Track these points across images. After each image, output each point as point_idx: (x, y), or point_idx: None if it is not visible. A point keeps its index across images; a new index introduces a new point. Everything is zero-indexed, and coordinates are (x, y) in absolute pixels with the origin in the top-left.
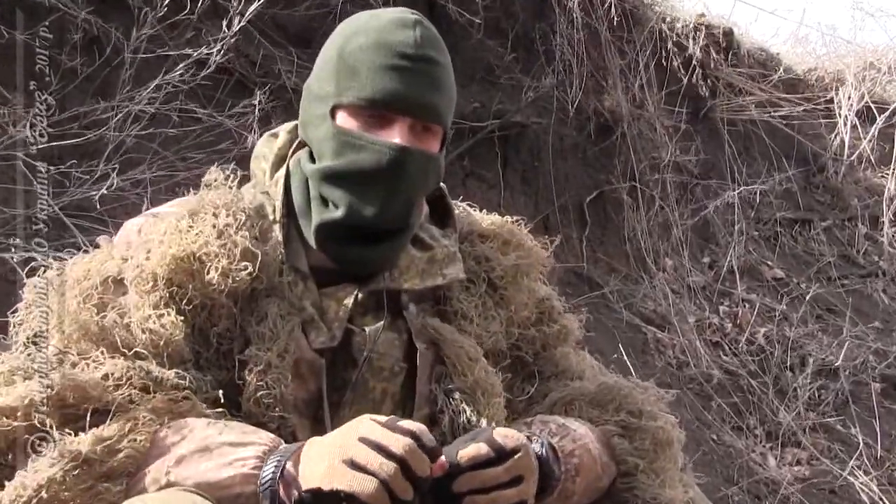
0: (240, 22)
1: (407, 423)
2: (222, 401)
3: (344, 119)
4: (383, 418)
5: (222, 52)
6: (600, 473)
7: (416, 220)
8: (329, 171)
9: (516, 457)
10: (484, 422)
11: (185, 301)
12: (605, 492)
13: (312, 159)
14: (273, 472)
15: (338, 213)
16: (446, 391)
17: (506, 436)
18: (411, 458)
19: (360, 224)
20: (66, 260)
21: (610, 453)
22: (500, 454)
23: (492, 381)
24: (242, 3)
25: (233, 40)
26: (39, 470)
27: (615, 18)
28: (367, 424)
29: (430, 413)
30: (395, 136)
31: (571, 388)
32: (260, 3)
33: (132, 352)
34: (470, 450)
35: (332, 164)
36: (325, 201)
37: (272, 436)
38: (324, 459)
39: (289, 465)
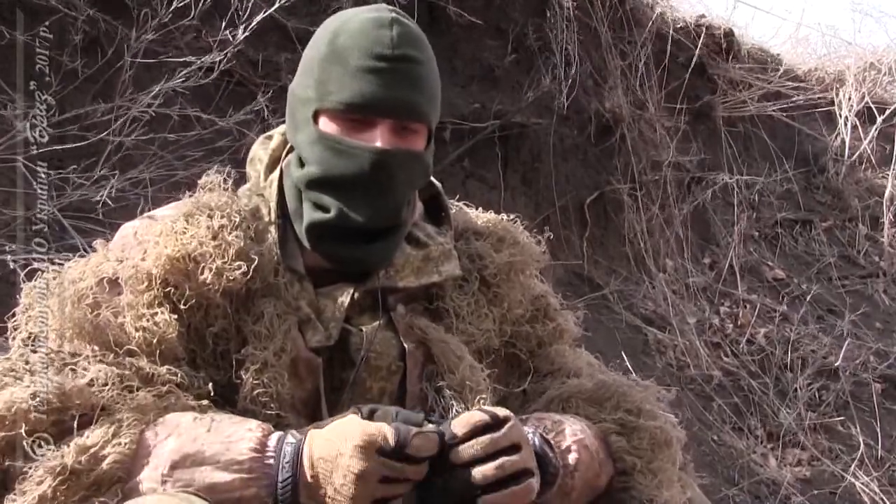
0: (244, 31)
1: (405, 419)
2: (212, 394)
3: (326, 123)
4: (386, 411)
5: (224, 59)
6: (598, 471)
7: (408, 216)
8: (314, 177)
9: (509, 424)
10: None
11: (180, 301)
12: (603, 491)
13: (301, 163)
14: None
15: (329, 216)
16: (437, 389)
17: (494, 407)
18: (426, 451)
19: (351, 226)
20: (62, 264)
21: (607, 451)
22: (496, 420)
23: (476, 379)
24: (247, 13)
25: (236, 49)
26: (28, 490)
27: (615, 19)
28: (374, 438)
29: (422, 411)
30: (377, 139)
31: (568, 385)
32: (267, 13)
33: (125, 349)
34: (463, 416)
35: (316, 170)
36: (315, 205)
37: (257, 424)
38: (354, 488)
39: (304, 499)
